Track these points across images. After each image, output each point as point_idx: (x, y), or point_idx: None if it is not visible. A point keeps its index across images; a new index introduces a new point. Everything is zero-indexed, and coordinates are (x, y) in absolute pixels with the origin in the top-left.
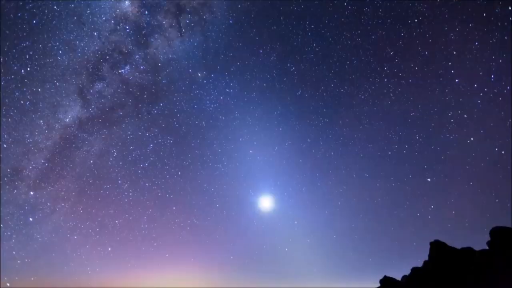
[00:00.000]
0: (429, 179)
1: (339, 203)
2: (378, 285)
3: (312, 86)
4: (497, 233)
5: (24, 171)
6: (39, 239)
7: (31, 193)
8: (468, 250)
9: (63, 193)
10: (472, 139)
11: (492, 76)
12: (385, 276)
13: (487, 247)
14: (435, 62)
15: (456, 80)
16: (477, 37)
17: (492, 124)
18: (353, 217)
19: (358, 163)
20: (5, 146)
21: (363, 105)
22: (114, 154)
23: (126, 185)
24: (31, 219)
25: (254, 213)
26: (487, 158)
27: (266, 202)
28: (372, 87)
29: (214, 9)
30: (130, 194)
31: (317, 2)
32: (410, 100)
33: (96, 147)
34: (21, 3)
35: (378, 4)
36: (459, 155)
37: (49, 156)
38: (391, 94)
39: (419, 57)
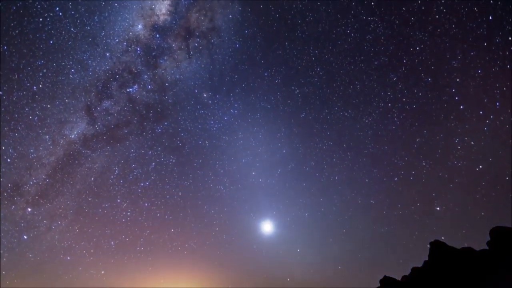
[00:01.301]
0: (438, 208)
1: (344, 230)
2: (378, 285)
3: (316, 109)
4: (497, 233)
5: (25, 186)
6: (31, 259)
7: (29, 209)
8: (468, 250)
9: (61, 210)
10: (480, 166)
11: (497, 103)
12: (385, 276)
13: (487, 247)
14: (438, 89)
15: (461, 107)
16: (479, 65)
17: (500, 152)
18: (358, 247)
19: (364, 188)
20: (8, 160)
21: (368, 129)
22: (115, 171)
23: (125, 205)
24: (25, 237)
25: (255, 238)
26: (498, 187)
27: (267, 227)
28: (376, 111)
29: (222, 34)
30: (128, 214)
31: (320, 30)
32: (415, 126)
33: (98, 164)
34: (41, 25)
35: (380, 33)
36: (468, 182)
37: (51, 172)
38: (395, 119)
39: (422, 83)
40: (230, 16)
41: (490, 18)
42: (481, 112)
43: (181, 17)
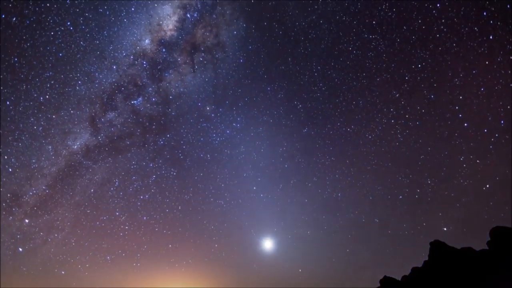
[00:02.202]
0: (445, 229)
1: (347, 250)
2: (378, 285)
3: (318, 124)
4: (497, 233)
5: (24, 196)
6: (25, 272)
7: (26, 220)
8: (468, 250)
9: (58, 222)
10: (487, 186)
11: (502, 121)
12: (385, 276)
13: (487, 247)
14: (441, 106)
15: (465, 124)
16: (481, 83)
17: (507, 171)
18: (361, 268)
19: (368, 206)
20: (10, 170)
21: (371, 145)
22: (115, 183)
23: (123, 218)
24: (20, 249)
25: (255, 256)
26: (506, 207)
27: (268, 244)
28: (379, 127)
29: (226, 49)
30: (127, 227)
31: (323, 46)
32: (419, 143)
33: (99, 176)
34: (52, 38)
35: (381, 50)
36: (475, 202)
37: (51, 182)
38: (399, 135)
39: (425, 100)
40: (235, 32)
41: (491, 37)
42: (485, 130)
43: (187, 32)
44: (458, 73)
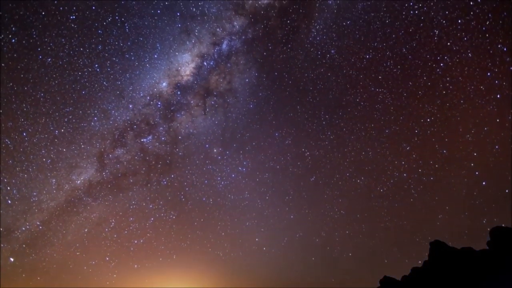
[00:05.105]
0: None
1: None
2: (378, 285)
3: (326, 174)
4: (497, 233)
5: (16, 232)
6: None
7: (11, 259)
8: (468, 250)
9: (44, 263)
10: None
11: None
12: (385, 276)
13: (487, 247)
14: (455, 161)
15: (483, 183)
16: (495, 140)
17: None
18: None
19: (383, 270)
20: (9, 202)
21: (383, 200)
22: (111, 224)
23: (113, 264)
24: None
25: None
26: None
27: None
28: (391, 180)
29: (238, 95)
30: (114, 276)
31: (331, 96)
32: (435, 200)
33: (96, 214)
34: (78, 78)
35: (388, 103)
36: None
37: (47, 218)
38: (413, 191)
39: (438, 155)
40: (247, 80)
41: (498, 96)
42: (507, 191)
43: (202, 78)
44: (469, 129)
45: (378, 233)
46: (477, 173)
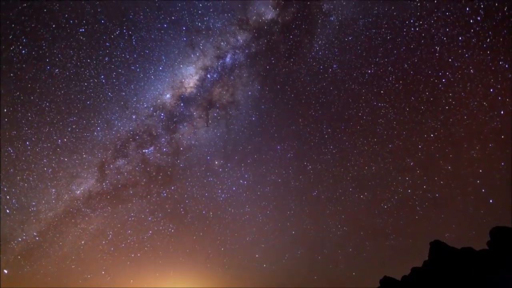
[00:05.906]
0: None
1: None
2: (378, 285)
3: (329, 188)
4: (497, 233)
5: (12, 243)
6: None
7: (5, 271)
8: (468, 250)
9: (39, 276)
10: None
11: None
12: (385, 276)
13: (487, 247)
14: (461, 178)
15: (490, 201)
16: (501, 157)
17: None
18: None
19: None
20: (8, 211)
21: (388, 217)
22: (109, 236)
23: (108, 278)
24: None
25: None
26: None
27: None
28: (395, 196)
29: (240, 107)
30: None
31: (333, 110)
32: (441, 218)
33: (93, 226)
34: (84, 88)
35: (391, 118)
36: None
37: (44, 229)
38: (418, 208)
39: (443, 171)
40: (250, 92)
41: (502, 112)
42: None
43: (205, 90)
44: (474, 145)
45: (384, 252)
46: (483, 190)
